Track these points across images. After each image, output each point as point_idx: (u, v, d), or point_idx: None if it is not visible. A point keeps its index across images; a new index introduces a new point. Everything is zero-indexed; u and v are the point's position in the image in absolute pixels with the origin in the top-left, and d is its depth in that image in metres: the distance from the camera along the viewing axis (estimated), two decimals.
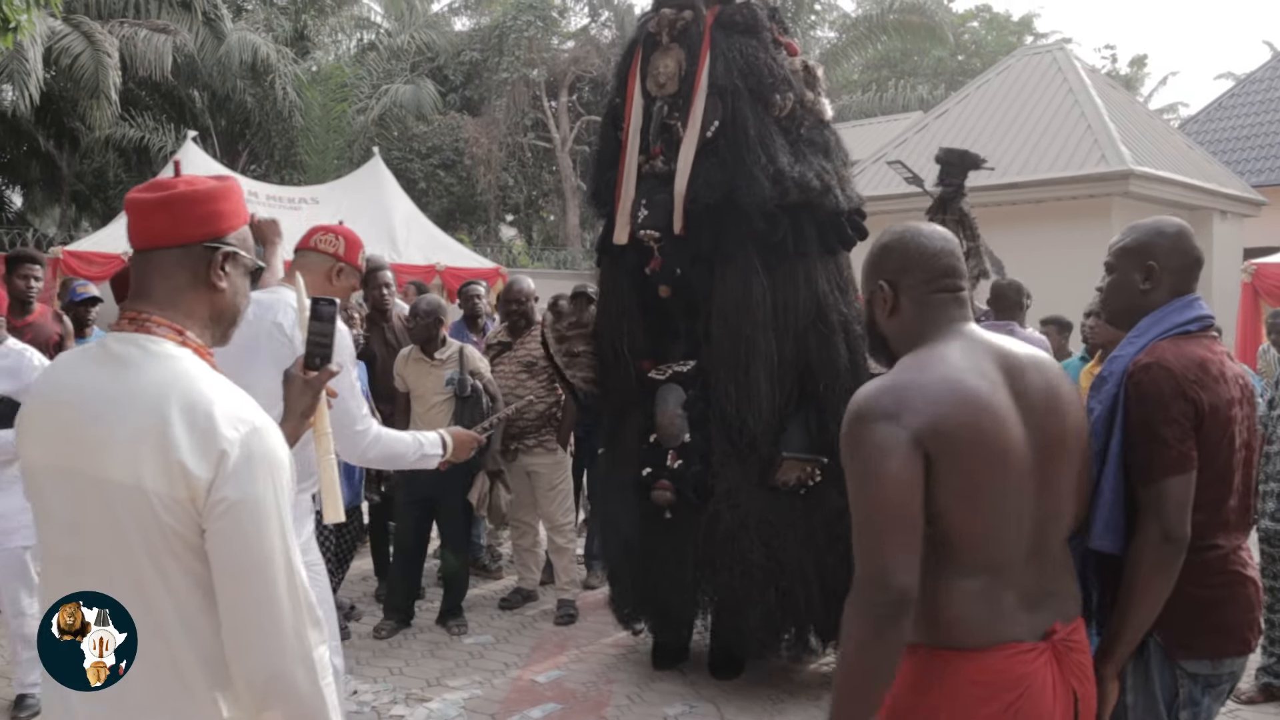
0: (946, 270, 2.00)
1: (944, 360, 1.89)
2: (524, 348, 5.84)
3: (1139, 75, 36.39)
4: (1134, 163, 12.88)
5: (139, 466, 1.45)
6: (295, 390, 2.06)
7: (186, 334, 1.60)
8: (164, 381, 1.51)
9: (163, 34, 17.68)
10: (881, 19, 24.42)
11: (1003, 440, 1.83)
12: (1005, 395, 1.87)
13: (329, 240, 3.25)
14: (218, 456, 1.45)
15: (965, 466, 1.81)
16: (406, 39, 23.32)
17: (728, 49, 4.63)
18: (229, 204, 1.65)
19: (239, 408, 1.51)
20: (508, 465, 5.82)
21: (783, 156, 4.55)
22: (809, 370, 4.60)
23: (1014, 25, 34.17)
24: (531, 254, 23.68)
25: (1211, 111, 20.28)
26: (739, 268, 4.58)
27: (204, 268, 1.62)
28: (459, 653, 5.30)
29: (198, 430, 1.45)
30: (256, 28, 19.70)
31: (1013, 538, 1.86)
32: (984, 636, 1.84)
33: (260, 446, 1.49)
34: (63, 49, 16.18)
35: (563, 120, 23.73)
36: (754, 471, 4.57)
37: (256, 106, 20.03)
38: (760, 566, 4.51)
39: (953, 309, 2.00)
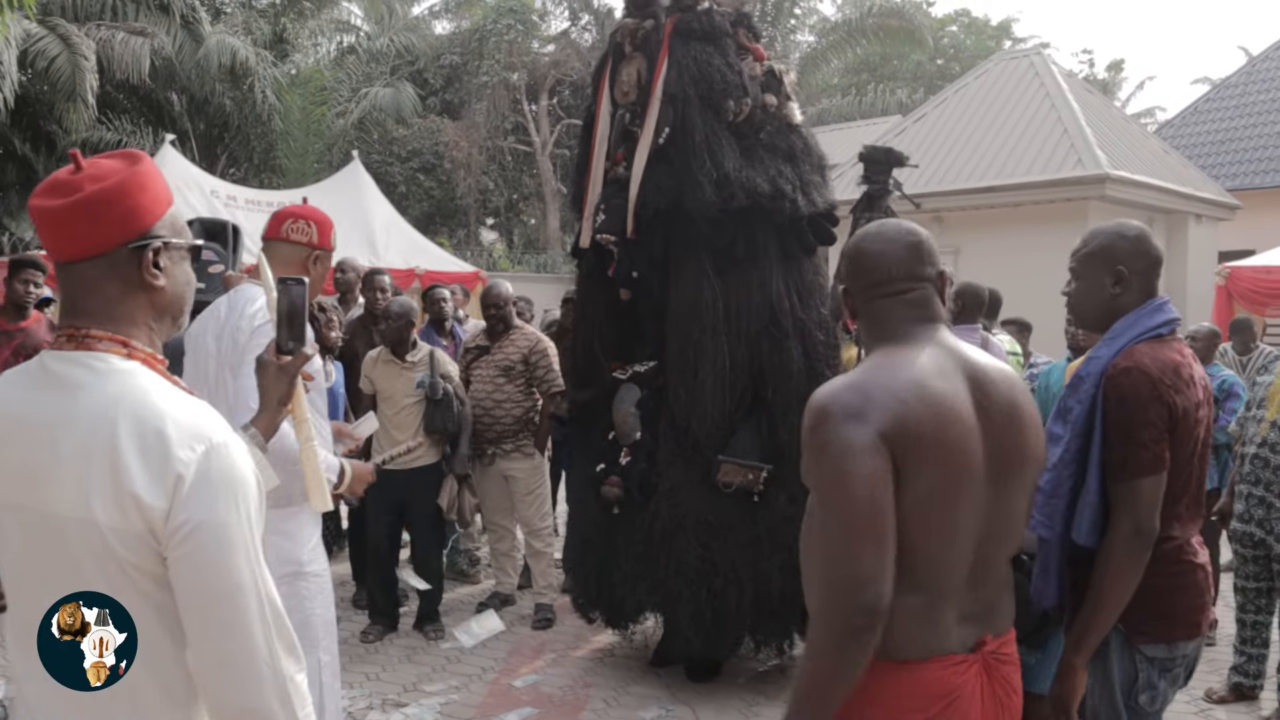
0: (886, 276, 1.93)
1: (910, 362, 1.84)
2: (501, 352, 5.84)
3: (1116, 79, 36.67)
4: (1110, 166, 12.99)
5: (89, 498, 1.34)
6: (269, 376, 1.93)
7: (132, 344, 1.46)
8: (109, 402, 1.38)
9: (140, 37, 17.57)
10: (861, 23, 24.52)
11: (966, 452, 1.79)
12: (969, 406, 1.82)
13: (300, 228, 3.02)
14: (173, 481, 1.34)
15: (928, 474, 1.75)
16: (386, 42, 23.28)
17: (683, 56, 4.71)
18: (148, 192, 1.47)
19: (195, 423, 1.39)
20: (484, 469, 5.84)
21: (729, 162, 4.59)
22: (761, 375, 4.63)
23: (992, 30, 34.36)
24: (512, 257, 23.67)
25: (1187, 116, 20.47)
26: (690, 272, 4.67)
27: (135, 270, 1.46)
28: (436, 657, 5.29)
29: (149, 453, 1.34)
30: (235, 31, 19.61)
31: (960, 558, 1.82)
32: (920, 650, 1.81)
33: (220, 465, 1.38)
34: (38, 51, 16.06)
35: (543, 124, 23.73)
36: (697, 472, 4.63)
37: (235, 110, 19.95)
38: (693, 566, 4.56)
39: (900, 311, 1.93)
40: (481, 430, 5.75)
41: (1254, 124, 19.22)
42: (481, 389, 5.80)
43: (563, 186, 24.66)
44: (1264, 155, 18.56)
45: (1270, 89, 19.55)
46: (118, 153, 1.51)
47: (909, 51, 28.28)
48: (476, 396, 5.78)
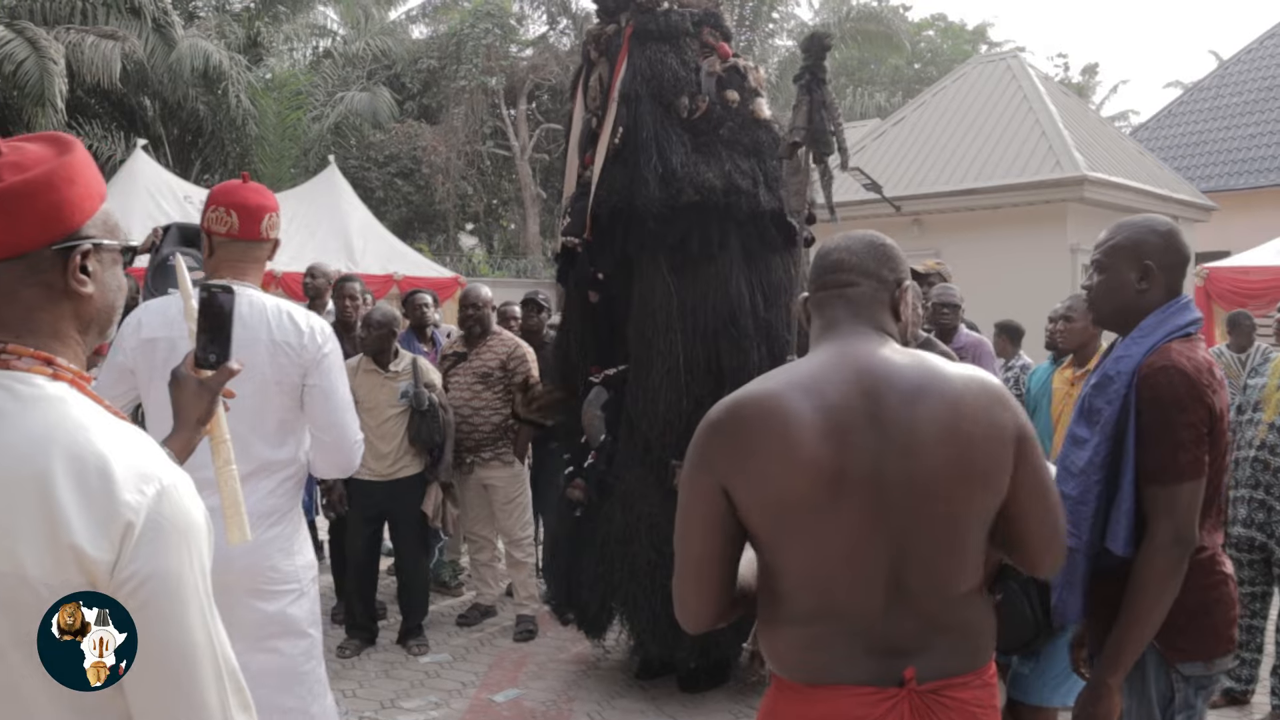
0: (832, 265, 1.84)
1: (787, 370, 1.78)
2: (479, 359, 5.74)
3: (1090, 83, 36.92)
4: (1088, 169, 13.02)
5: (16, 548, 1.16)
6: (188, 393, 1.73)
7: (57, 361, 1.28)
8: (40, 437, 1.20)
9: (111, 40, 17.35)
10: (839, 28, 24.56)
11: (817, 464, 1.63)
12: (844, 419, 1.66)
13: (275, 222, 2.72)
14: (121, 530, 1.17)
15: (762, 499, 1.67)
16: (362, 46, 23.11)
17: (638, 57, 4.72)
18: (77, 185, 1.28)
19: (141, 461, 1.23)
20: (463, 479, 5.73)
21: (676, 158, 4.55)
22: (721, 376, 4.54)
23: (969, 34, 34.54)
24: (492, 263, 23.54)
25: (1161, 119, 20.60)
26: (645, 271, 4.69)
27: (59, 276, 1.28)
28: (415, 672, 5.17)
29: (92, 498, 1.17)
30: (208, 34, 19.40)
31: (849, 586, 1.68)
32: (818, 675, 1.72)
33: (171, 510, 1.21)
34: (5, 55, 15.83)
35: (522, 128, 23.62)
36: (651, 475, 4.60)
37: (209, 114, 19.75)
38: (645, 571, 4.52)
39: (835, 308, 1.81)
40: (460, 439, 5.64)
41: (1227, 126, 19.38)
42: (460, 396, 5.69)
43: (542, 191, 24.57)
44: (1237, 158, 18.70)
45: (1242, 92, 19.72)
46: (43, 136, 1.32)
47: (886, 56, 28.39)
48: (454, 404, 5.67)
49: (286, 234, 12.66)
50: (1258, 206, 17.13)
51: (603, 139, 4.75)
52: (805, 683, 1.73)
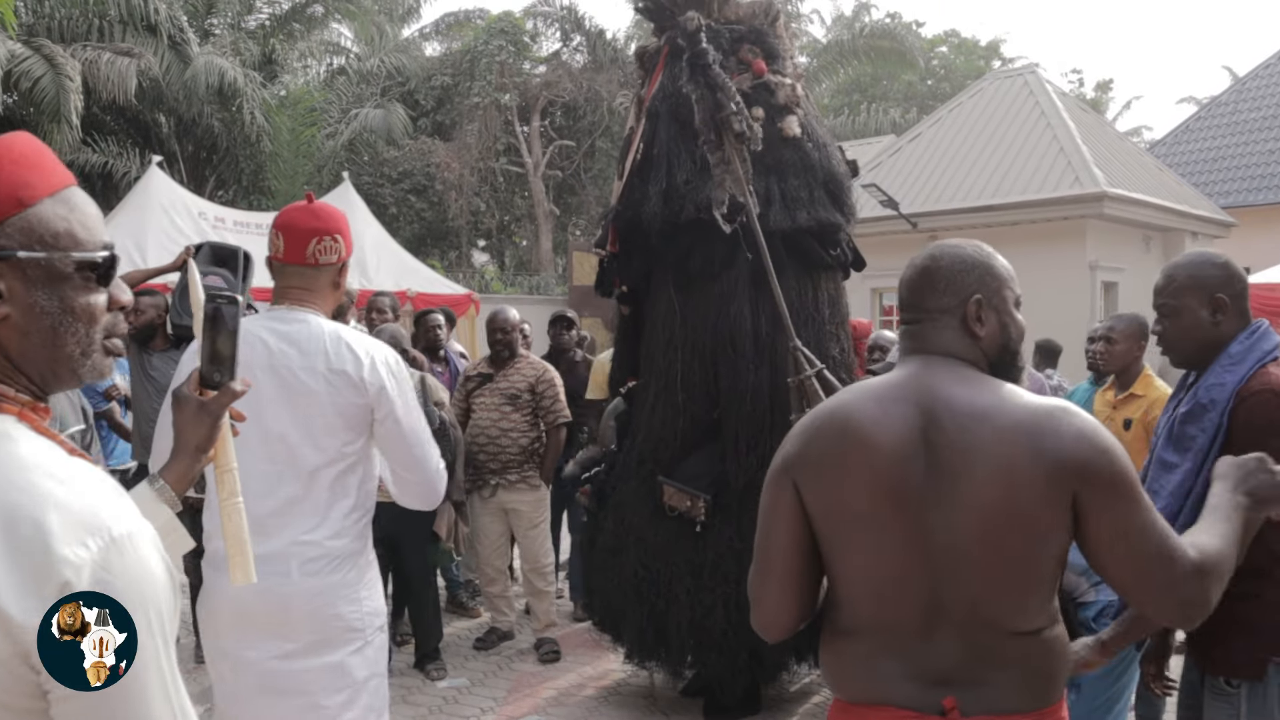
0: (901, 303, 1.89)
1: (860, 387, 1.84)
2: (507, 380, 5.63)
3: (1104, 99, 36.82)
4: (1107, 185, 12.93)
5: None
6: (188, 415, 1.52)
7: (5, 393, 1.11)
8: None
9: (127, 57, 17.44)
10: (852, 44, 24.60)
11: (876, 479, 1.66)
12: (902, 437, 1.67)
13: (327, 247, 2.53)
14: (55, 591, 0.99)
15: (826, 499, 1.73)
16: (376, 63, 23.19)
17: (666, 75, 4.73)
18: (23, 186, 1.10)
19: (88, 508, 1.04)
20: (484, 502, 5.64)
21: (681, 174, 4.49)
22: (718, 396, 4.50)
23: (982, 50, 34.50)
24: (504, 279, 23.51)
25: (1178, 135, 20.50)
26: (656, 286, 4.73)
27: None
28: (432, 698, 5.06)
29: (19, 552, 0.99)
30: (224, 52, 19.46)
31: (892, 602, 1.69)
32: (859, 694, 1.76)
33: (121, 566, 1.03)
34: (22, 72, 15.90)
35: (535, 145, 23.61)
36: (644, 489, 4.59)
37: (224, 131, 19.81)
38: (631, 584, 4.50)
39: (907, 340, 1.85)
40: (485, 461, 5.55)
41: (1244, 142, 19.27)
42: (486, 417, 5.58)
43: (555, 208, 24.55)
44: (1256, 173, 18.59)
45: (1260, 107, 19.62)
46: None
47: (900, 72, 28.36)
48: (480, 425, 5.57)
49: None
50: (1278, 222, 16.99)
51: (631, 154, 4.79)
52: (852, 700, 1.77)
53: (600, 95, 22.74)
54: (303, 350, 2.47)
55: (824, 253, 4.67)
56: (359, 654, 2.49)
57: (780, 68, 4.82)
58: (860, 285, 15.29)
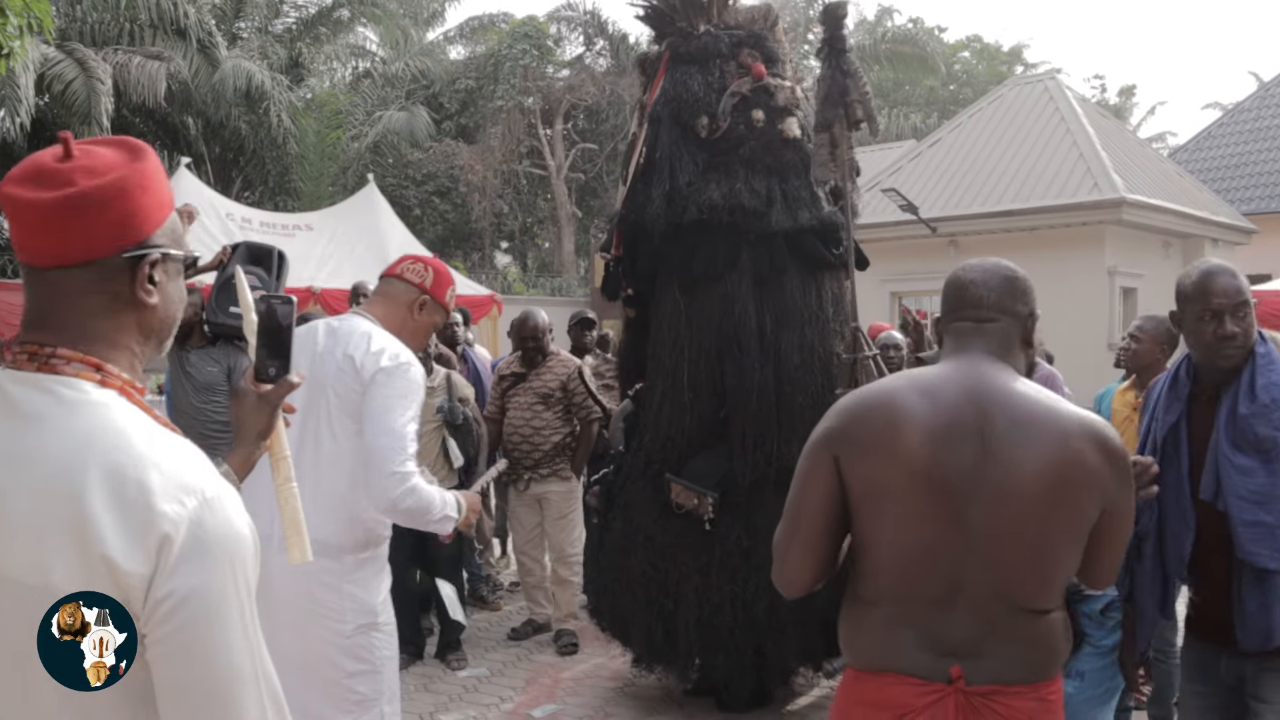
0: (971, 300, 1.98)
1: (907, 375, 1.99)
2: (539, 379, 5.79)
3: (1128, 105, 36.69)
4: (1126, 191, 12.94)
5: (46, 560, 1.10)
6: (247, 407, 1.62)
7: (107, 368, 1.23)
8: (80, 442, 1.15)
9: (156, 61, 17.70)
10: (874, 49, 24.60)
11: (916, 460, 1.80)
12: (954, 424, 1.82)
13: (417, 270, 2.90)
14: (157, 543, 1.10)
15: (862, 472, 1.85)
16: (401, 67, 23.43)
17: (668, 79, 4.80)
18: (150, 194, 1.24)
19: (183, 471, 1.16)
20: (519, 495, 5.84)
21: (684, 176, 4.56)
22: (724, 396, 4.55)
23: (1004, 55, 34.46)
24: (526, 280, 23.69)
25: (1200, 141, 20.42)
26: (660, 288, 4.78)
27: (127, 284, 1.24)
28: (453, 686, 5.21)
29: (128, 509, 1.10)
30: (251, 55, 19.73)
31: (919, 573, 1.83)
32: (872, 661, 1.89)
33: (214, 523, 1.14)
34: (55, 75, 16.18)
35: (558, 148, 23.80)
36: (651, 489, 4.63)
37: (251, 133, 20.06)
38: (640, 584, 4.54)
39: (970, 338, 1.96)
40: (519, 457, 5.73)
41: (1268, 148, 19.17)
42: (520, 416, 5.76)
43: (577, 210, 24.72)
44: (1278, 180, 18.49)
45: None
46: (114, 140, 1.28)
47: (921, 77, 28.35)
48: (515, 424, 5.75)
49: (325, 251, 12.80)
50: None
51: (634, 159, 4.87)
52: (864, 668, 1.91)
53: (623, 99, 22.89)
54: (336, 340, 2.70)
55: (827, 252, 4.69)
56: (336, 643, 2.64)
57: (779, 71, 4.89)
58: (879, 288, 15.35)
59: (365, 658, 2.70)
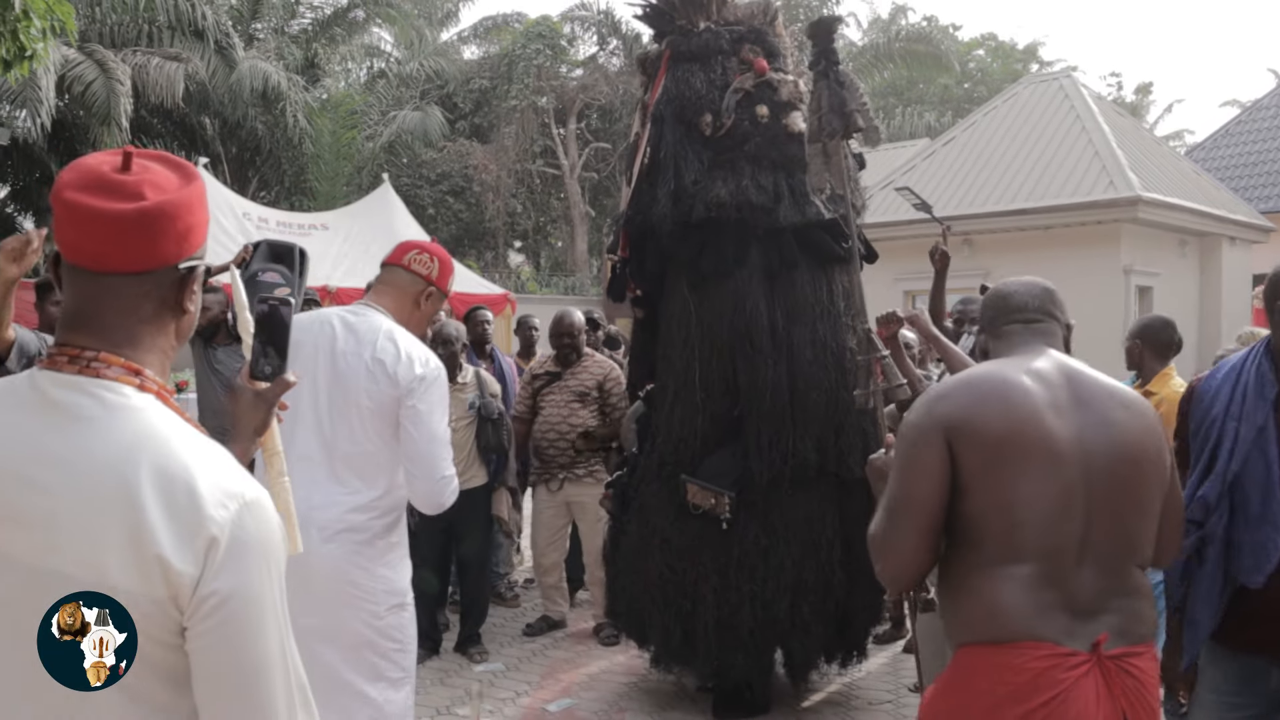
0: (1019, 306, 2.21)
1: (1005, 362, 2.11)
2: (575, 378, 5.81)
3: (1144, 102, 36.54)
4: (1142, 189, 12.90)
5: (101, 558, 1.16)
6: (244, 404, 1.66)
7: (145, 373, 1.28)
8: (128, 446, 1.20)
9: (175, 62, 17.82)
10: (888, 47, 24.58)
11: (1036, 425, 1.94)
12: (1057, 394, 2.00)
13: (423, 261, 2.93)
14: (205, 545, 1.18)
15: (984, 441, 1.94)
16: (416, 67, 23.51)
17: (669, 78, 4.78)
18: (202, 210, 1.32)
19: (225, 477, 1.23)
20: (551, 495, 5.86)
21: (690, 175, 4.54)
22: (737, 394, 4.53)
23: (1019, 53, 34.35)
24: (540, 280, 23.76)
25: (1218, 139, 20.33)
26: (669, 288, 4.77)
27: (175, 293, 1.31)
28: (469, 680, 5.25)
29: (178, 512, 1.18)
30: (268, 56, 19.85)
31: (1054, 527, 1.92)
32: (1014, 628, 1.90)
33: (253, 526, 1.22)
34: (75, 77, 16.31)
35: (571, 147, 23.86)
36: (666, 490, 4.62)
37: (267, 133, 20.17)
38: (656, 585, 4.53)
39: (1024, 337, 2.17)
40: (553, 455, 5.76)
41: None
42: (555, 414, 5.77)
43: (591, 209, 24.77)
44: None
45: None
46: (161, 156, 1.35)
47: (935, 75, 28.30)
48: (550, 421, 5.77)
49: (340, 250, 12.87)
50: None
51: (637, 159, 4.85)
52: (996, 641, 1.92)
53: (636, 98, 22.93)
54: (359, 339, 2.79)
55: (836, 245, 4.64)
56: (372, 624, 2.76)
57: (781, 65, 4.85)
58: (893, 287, 15.34)
59: (398, 637, 2.83)
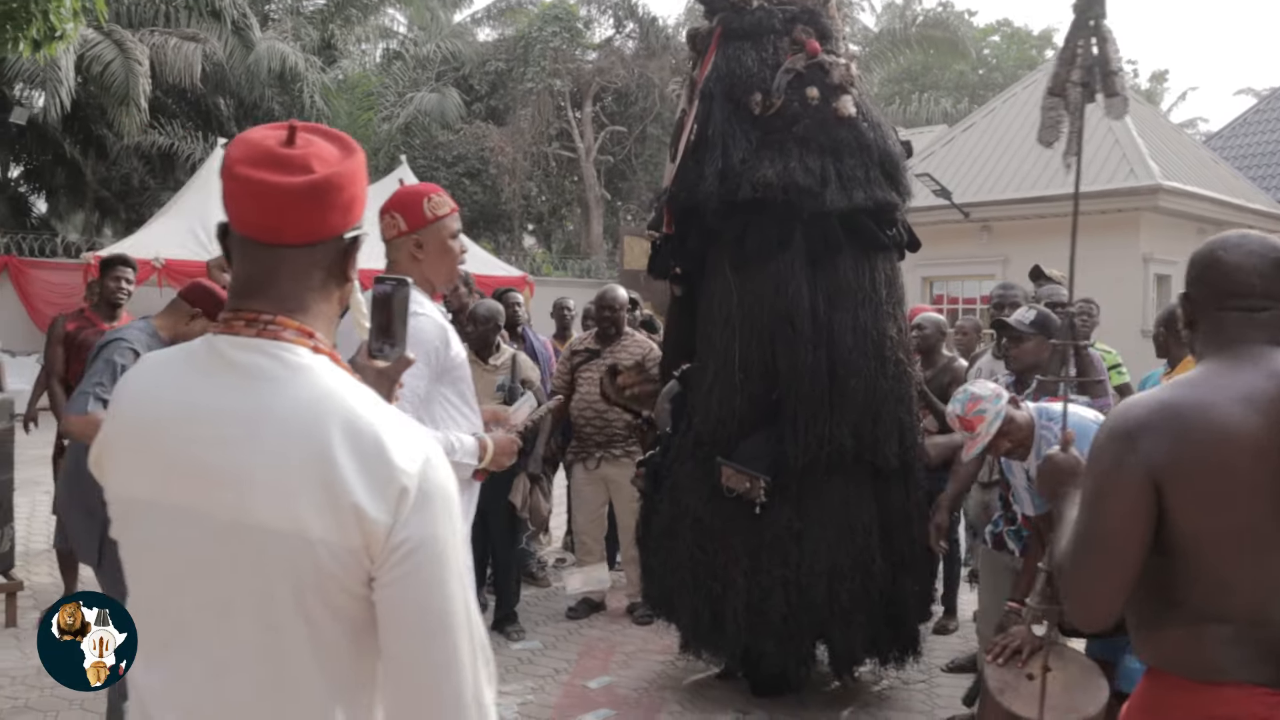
0: (1242, 289, 1.85)
1: (1211, 382, 1.81)
2: (614, 357, 5.80)
3: (1159, 90, 36.39)
4: (1163, 177, 12.92)
5: (298, 509, 1.20)
6: (370, 380, 1.65)
7: (318, 336, 1.32)
8: (314, 402, 1.24)
9: (193, 42, 17.86)
10: (904, 33, 24.52)
11: (1253, 471, 1.71)
12: (1264, 435, 1.72)
13: (386, 223, 2.90)
14: (397, 494, 1.21)
15: (1196, 493, 1.74)
16: (432, 48, 23.52)
17: (720, 55, 4.74)
18: (363, 181, 1.36)
19: (407, 432, 1.28)
20: (588, 474, 5.90)
21: (738, 154, 4.50)
22: (776, 377, 4.50)
23: (1034, 39, 34.23)
24: (554, 262, 23.80)
25: (1236, 127, 20.30)
26: (711, 267, 4.72)
27: (340, 262, 1.35)
28: (508, 658, 5.33)
29: (369, 464, 1.21)
30: (285, 36, 19.86)
31: (1263, 585, 1.75)
32: (1220, 667, 1.77)
33: (436, 479, 1.26)
34: (94, 57, 16.34)
35: (587, 130, 23.85)
36: (700, 471, 4.59)
37: (284, 114, 20.16)
38: (687, 566, 4.52)
39: (1243, 329, 1.84)
40: (591, 434, 5.79)
41: None
42: (592, 391, 5.77)
43: (606, 192, 24.78)
44: None
45: None
46: (317, 129, 1.37)
47: (951, 61, 28.23)
48: (588, 399, 5.78)
49: None
50: None
51: (683, 136, 4.81)
52: (1196, 679, 1.79)
53: (652, 81, 22.91)
54: None
55: (881, 233, 4.64)
56: None
57: (834, 47, 4.79)
58: (911, 272, 15.34)
59: None
